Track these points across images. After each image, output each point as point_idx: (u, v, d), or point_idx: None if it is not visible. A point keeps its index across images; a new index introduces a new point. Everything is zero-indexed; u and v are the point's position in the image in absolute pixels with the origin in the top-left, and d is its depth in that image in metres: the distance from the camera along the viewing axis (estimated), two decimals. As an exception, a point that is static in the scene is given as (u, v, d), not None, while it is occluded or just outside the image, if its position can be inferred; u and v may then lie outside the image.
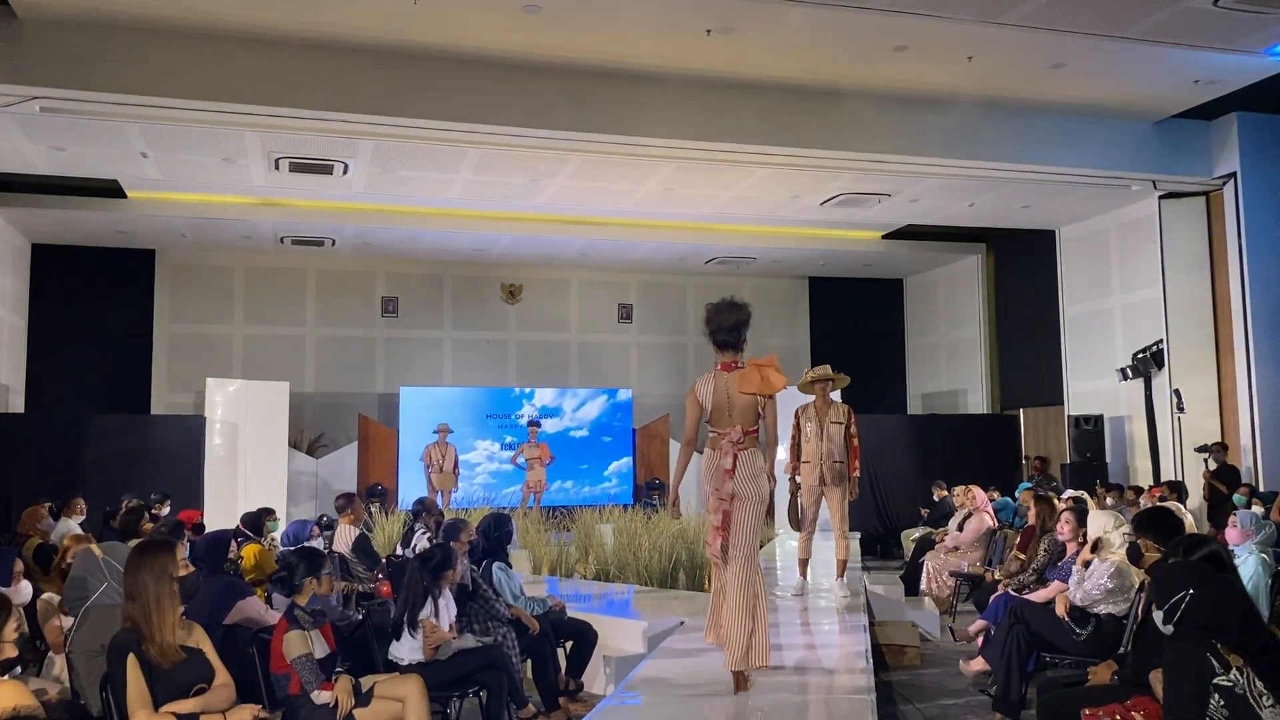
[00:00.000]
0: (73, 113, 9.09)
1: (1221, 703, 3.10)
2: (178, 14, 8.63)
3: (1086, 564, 5.69)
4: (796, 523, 7.53)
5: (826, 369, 7.81)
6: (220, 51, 8.98)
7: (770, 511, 4.89)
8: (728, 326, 4.87)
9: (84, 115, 9.19)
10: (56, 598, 5.57)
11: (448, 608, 5.20)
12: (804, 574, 7.79)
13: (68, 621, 5.02)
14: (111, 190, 12.57)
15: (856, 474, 7.70)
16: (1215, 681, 3.11)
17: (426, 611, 5.04)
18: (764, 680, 4.80)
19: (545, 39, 9.23)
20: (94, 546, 5.29)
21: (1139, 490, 10.55)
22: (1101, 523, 5.84)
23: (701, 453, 4.99)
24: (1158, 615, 3.38)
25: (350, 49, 9.28)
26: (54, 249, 14.57)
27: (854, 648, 5.80)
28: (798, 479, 7.58)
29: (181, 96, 8.93)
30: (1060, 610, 5.62)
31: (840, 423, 7.62)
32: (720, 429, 4.82)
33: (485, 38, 9.21)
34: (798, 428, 7.72)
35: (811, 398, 7.84)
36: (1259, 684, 3.08)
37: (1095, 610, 5.53)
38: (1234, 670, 3.11)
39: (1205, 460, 11.18)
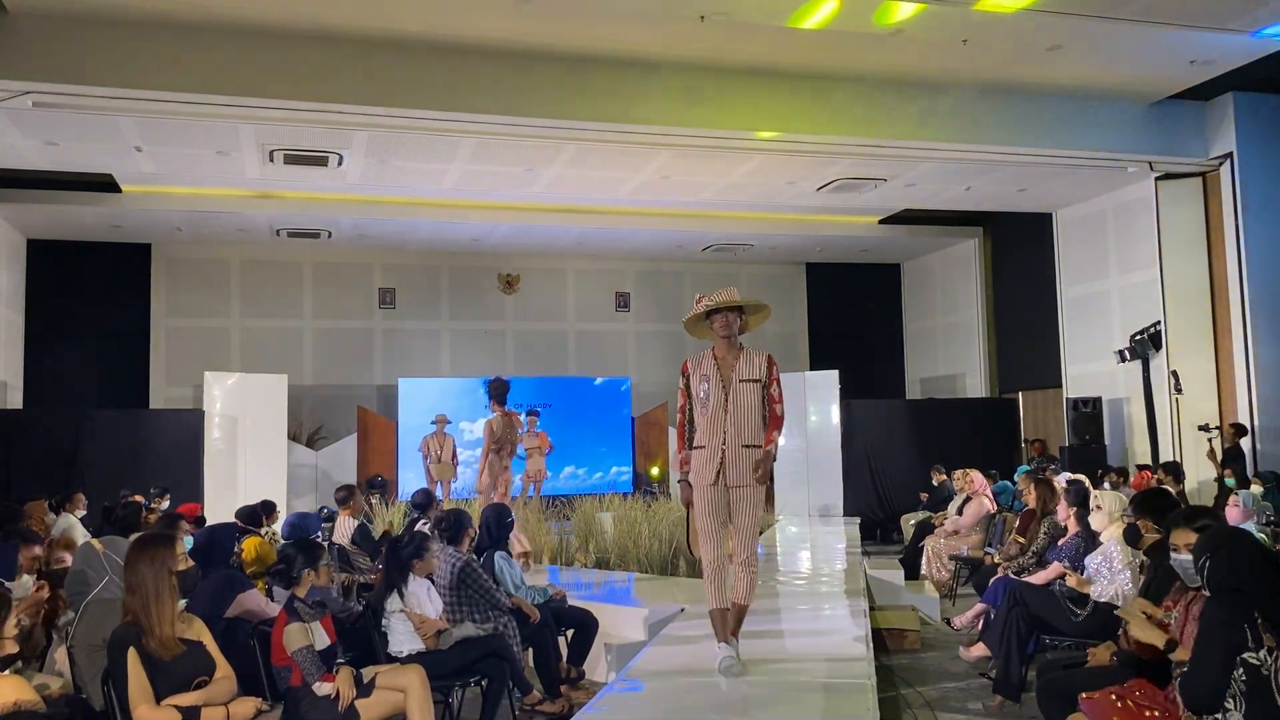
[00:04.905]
0: (65, 107, 9.07)
1: (1243, 676, 3.12)
2: (169, 6, 8.58)
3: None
4: (692, 544, 5.10)
5: (732, 292, 4.92)
6: (212, 44, 8.94)
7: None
8: None
9: (77, 109, 9.16)
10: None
11: (430, 598, 5.21)
12: (725, 635, 4.83)
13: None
14: (106, 185, 12.55)
15: (771, 447, 4.83)
16: (1243, 656, 3.13)
17: (396, 604, 5.02)
18: (764, 665, 4.82)
19: (539, 27, 9.19)
20: (95, 541, 5.30)
21: (1124, 472, 10.58)
22: (1110, 502, 5.84)
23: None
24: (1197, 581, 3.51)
25: (343, 40, 9.24)
26: (49, 244, 14.55)
27: (854, 632, 5.81)
28: (688, 478, 4.96)
29: (174, 89, 8.91)
30: (1059, 573, 5.77)
31: (756, 380, 4.83)
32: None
33: (479, 27, 9.18)
34: (686, 393, 4.97)
35: (706, 344, 5.06)
36: None
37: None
38: (1264, 650, 3.12)
39: (1209, 440, 11.19)
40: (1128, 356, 12.80)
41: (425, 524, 7.81)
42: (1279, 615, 3.20)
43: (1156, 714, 3.55)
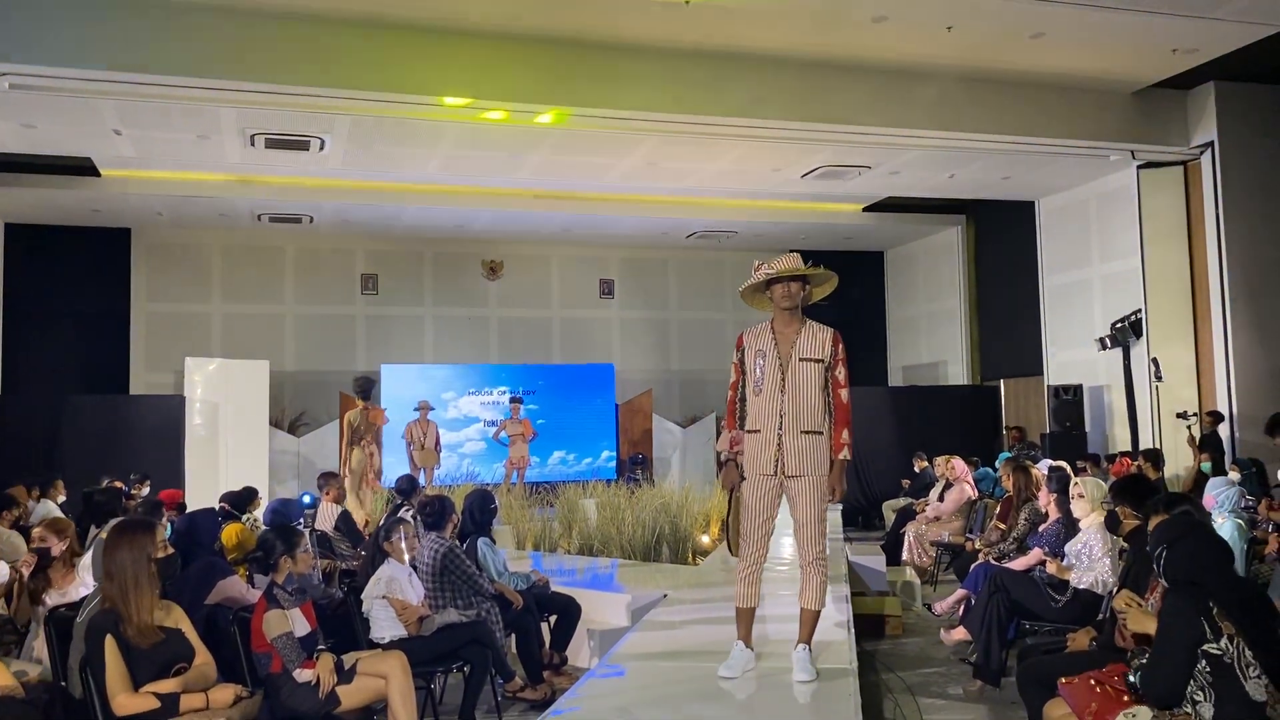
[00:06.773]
0: (43, 89, 8.94)
1: (1207, 668, 3.15)
2: (148, -12, 8.50)
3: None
4: (734, 542, 4.49)
5: (795, 259, 4.66)
6: (193, 25, 8.84)
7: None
8: None
9: (55, 92, 9.04)
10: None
11: (412, 584, 5.21)
12: (747, 637, 4.47)
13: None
14: (85, 169, 12.42)
15: (844, 455, 4.34)
16: (1205, 648, 3.16)
17: (378, 590, 5.03)
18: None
19: (524, 11, 9.14)
20: (105, 534, 5.26)
21: (1111, 459, 10.66)
22: (1090, 489, 5.88)
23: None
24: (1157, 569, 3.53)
25: (325, 22, 9.15)
26: (28, 229, 14.39)
27: (835, 618, 5.84)
28: (737, 459, 4.45)
29: (154, 72, 8.80)
30: (1039, 560, 5.87)
31: (818, 359, 4.45)
32: None
33: (463, 11, 9.12)
34: (740, 369, 4.54)
35: (764, 316, 4.67)
36: (1249, 654, 3.12)
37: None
38: (1225, 639, 3.15)
39: (1189, 428, 11.28)
40: (1109, 344, 12.88)
41: (409, 510, 7.81)
42: (1233, 604, 3.23)
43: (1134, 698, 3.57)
